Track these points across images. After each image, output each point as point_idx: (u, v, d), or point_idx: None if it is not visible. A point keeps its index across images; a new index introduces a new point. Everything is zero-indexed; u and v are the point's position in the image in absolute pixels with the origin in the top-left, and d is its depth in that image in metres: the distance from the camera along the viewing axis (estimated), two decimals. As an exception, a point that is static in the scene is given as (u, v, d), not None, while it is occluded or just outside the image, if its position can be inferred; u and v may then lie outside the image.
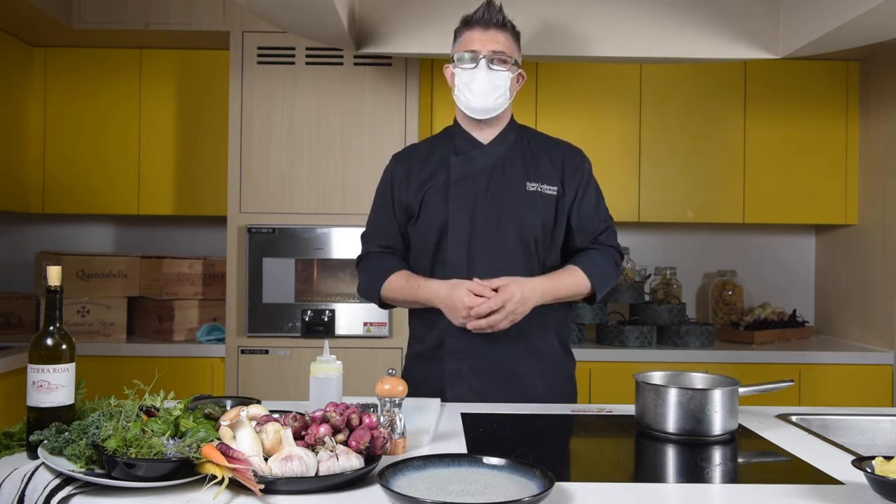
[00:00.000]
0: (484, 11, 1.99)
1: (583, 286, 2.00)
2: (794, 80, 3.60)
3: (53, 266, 1.42)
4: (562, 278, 1.99)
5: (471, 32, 1.99)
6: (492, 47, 1.97)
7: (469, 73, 1.97)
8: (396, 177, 2.07)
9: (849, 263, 3.68)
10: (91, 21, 3.27)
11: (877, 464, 1.23)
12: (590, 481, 1.31)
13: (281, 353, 3.22)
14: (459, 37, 2.04)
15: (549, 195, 2.01)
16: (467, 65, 1.98)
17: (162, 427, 1.29)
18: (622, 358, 3.29)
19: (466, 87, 1.98)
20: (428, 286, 1.95)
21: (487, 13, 1.98)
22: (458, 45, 2.04)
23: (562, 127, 3.46)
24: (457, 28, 2.06)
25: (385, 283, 2.04)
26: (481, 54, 1.97)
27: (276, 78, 3.27)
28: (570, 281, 1.99)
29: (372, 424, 1.34)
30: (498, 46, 1.97)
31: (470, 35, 1.99)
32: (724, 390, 1.60)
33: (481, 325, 1.88)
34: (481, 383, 1.98)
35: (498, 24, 1.99)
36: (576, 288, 2.00)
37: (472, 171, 2.01)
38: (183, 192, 3.57)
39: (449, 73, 2.06)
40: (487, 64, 1.96)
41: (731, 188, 3.60)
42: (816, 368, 3.32)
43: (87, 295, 3.35)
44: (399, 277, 2.02)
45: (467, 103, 2.00)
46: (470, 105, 2.00)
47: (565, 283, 1.98)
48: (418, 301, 1.99)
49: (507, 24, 2.00)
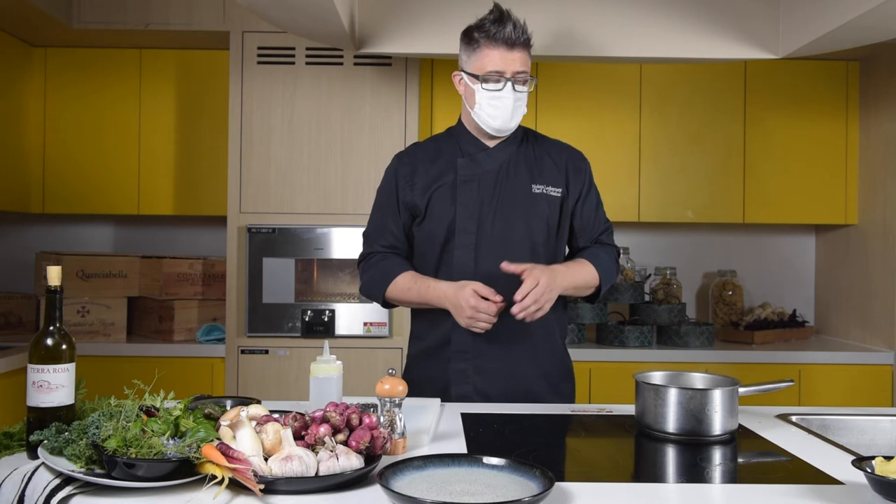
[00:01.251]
0: (512, 29, 1.90)
1: (592, 279, 2.02)
2: (794, 80, 3.60)
3: (53, 266, 1.42)
4: (576, 268, 2.00)
5: (494, 51, 1.91)
6: (517, 68, 1.92)
7: (495, 95, 1.92)
8: (401, 176, 2.06)
9: (849, 263, 3.68)
10: (91, 21, 3.27)
11: (877, 464, 1.23)
12: (590, 481, 1.31)
13: (281, 353, 3.22)
14: (479, 49, 1.93)
15: (554, 196, 2.03)
16: (492, 86, 1.92)
17: (162, 427, 1.29)
18: (622, 358, 3.29)
19: (492, 108, 1.94)
20: (437, 287, 1.95)
21: (514, 32, 1.90)
22: (477, 59, 1.94)
23: (562, 127, 3.46)
24: (472, 36, 1.95)
25: (392, 283, 2.03)
26: (507, 76, 1.92)
27: (276, 78, 3.27)
28: (583, 273, 2.01)
29: (372, 424, 1.34)
30: (523, 67, 1.93)
31: (493, 53, 1.91)
32: (724, 390, 1.60)
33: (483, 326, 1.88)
34: (486, 383, 1.99)
35: (525, 43, 1.93)
36: (587, 280, 2.02)
37: (479, 173, 2.01)
38: (183, 192, 3.57)
39: (462, 85, 2.00)
40: (513, 87, 1.92)
41: (731, 188, 3.60)
42: (816, 368, 3.32)
43: (87, 295, 3.35)
44: (406, 278, 2.02)
45: (490, 123, 1.97)
46: (492, 126, 1.97)
47: (581, 274, 2.00)
48: (427, 302, 1.98)
49: (529, 43, 1.95)
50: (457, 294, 1.88)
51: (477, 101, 1.96)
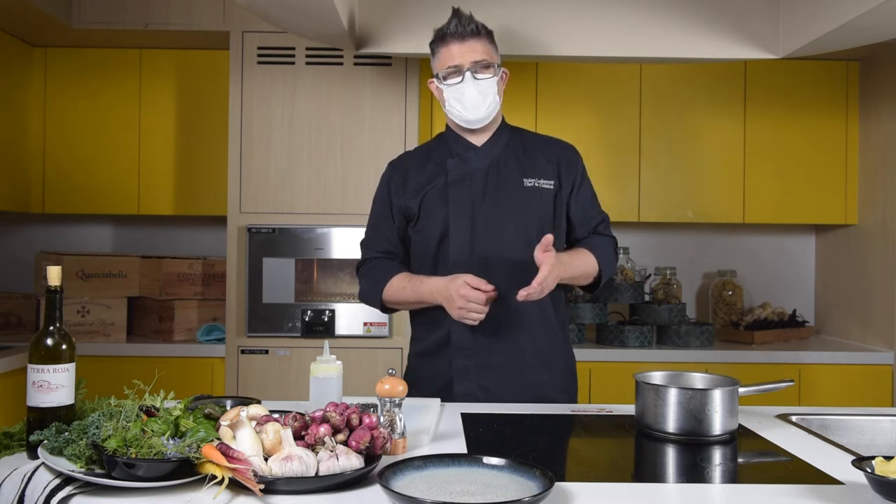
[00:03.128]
0: (456, 24, 1.99)
1: (591, 267, 2.04)
2: (794, 80, 3.60)
3: (53, 266, 1.42)
4: (578, 258, 2.02)
5: (448, 47, 2.00)
6: (473, 58, 1.98)
7: (457, 88, 1.99)
8: (393, 183, 2.10)
9: (849, 263, 3.68)
10: (91, 21, 3.27)
11: (877, 464, 1.23)
12: (590, 481, 1.31)
13: (281, 353, 3.22)
14: (437, 52, 2.04)
15: (546, 189, 2.05)
16: (453, 80, 1.99)
17: (162, 427, 1.29)
18: (622, 358, 3.29)
19: (457, 102, 2.00)
20: (430, 282, 1.97)
21: (460, 24, 1.99)
22: (438, 61, 2.03)
23: (562, 127, 3.46)
24: (431, 43, 2.06)
25: (387, 285, 2.05)
26: (465, 67, 1.98)
27: (276, 78, 3.27)
28: (584, 262, 2.02)
29: (372, 424, 1.34)
30: (478, 56, 1.98)
31: (448, 50, 2.00)
32: (724, 390, 1.60)
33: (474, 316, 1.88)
34: (487, 379, 2.00)
35: (473, 32, 1.99)
36: (586, 268, 2.03)
37: (469, 172, 2.04)
38: (183, 192, 3.57)
39: (434, 88, 2.07)
40: (472, 75, 1.98)
41: (730, 188, 3.60)
42: (816, 368, 3.32)
43: (87, 295, 3.35)
44: (400, 279, 2.04)
45: (462, 116, 2.02)
46: (465, 118, 2.02)
47: (579, 261, 2.02)
48: (422, 299, 2.00)
49: (482, 30, 2.01)
50: (448, 286, 1.91)
51: (445, 99, 2.03)
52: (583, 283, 2.08)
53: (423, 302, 2.01)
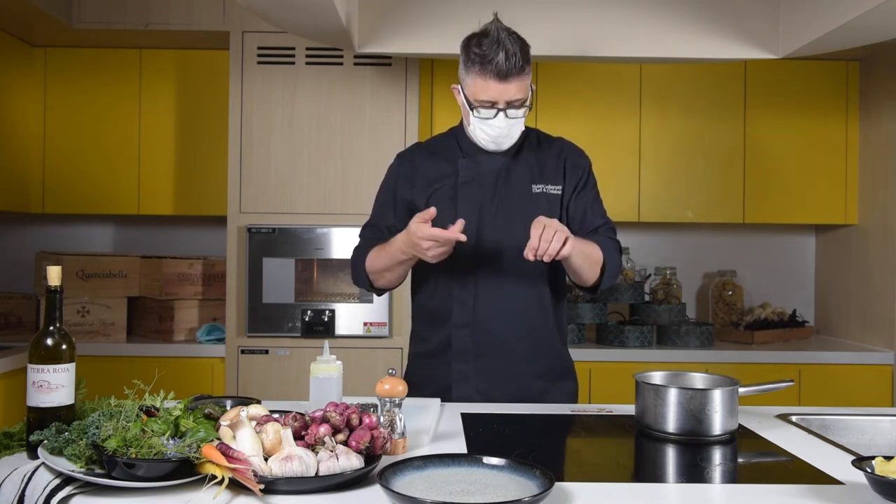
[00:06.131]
0: (502, 60, 1.85)
1: (597, 257, 1.94)
2: (794, 80, 3.60)
3: (53, 266, 1.41)
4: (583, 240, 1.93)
5: (486, 81, 1.88)
6: (509, 97, 1.90)
7: (486, 122, 1.92)
8: (401, 174, 2.08)
9: (849, 263, 3.68)
10: (91, 21, 3.27)
11: (877, 464, 1.23)
12: (590, 481, 1.31)
13: (281, 353, 3.22)
14: (472, 75, 1.90)
15: (554, 195, 2.03)
16: (485, 112, 1.91)
17: (162, 427, 1.29)
18: (622, 358, 3.29)
19: (483, 133, 1.95)
20: (395, 240, 1.93)
21: (506, 63, 1.86)
22: (472, 86, 1.90)
23: (562, 127, 3.44)
24: (468, 54, 1.90)
25: (367, 259, 2.03)
26: (499, 105, 1.90)
27: (276, 78, 3.27)
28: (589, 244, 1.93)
29: (372, 424, 1.34)
30: (516, 95, 1.90)
31: (486, 84, 1.88)
32: (724, 390, 1.60)
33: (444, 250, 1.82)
34: (487, 384, 1.99)
35: (516, 69, 1.88)
36: (593, 252, 1.93)
37: (480, 174, 2.02)
38: (183, 192, 3.57)
39: (461, 99, 1.98)
40: (505, 114, 1.91)
41: (731, 188, 3.60)
42: (816, 368, 3.32)
43: (87, 295, 3.35)
44: (376, 249, 2.01)
45: (484, 145, 1.98)
46: (487, 147, 1.98)
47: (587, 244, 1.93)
48: (394, 258, 1.95)
49: (524, 66, 1.90)
50: (408, 237, 1.85)
51: (471, 123, 1.96)
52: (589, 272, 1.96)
53: (398, 261, 1.96)
